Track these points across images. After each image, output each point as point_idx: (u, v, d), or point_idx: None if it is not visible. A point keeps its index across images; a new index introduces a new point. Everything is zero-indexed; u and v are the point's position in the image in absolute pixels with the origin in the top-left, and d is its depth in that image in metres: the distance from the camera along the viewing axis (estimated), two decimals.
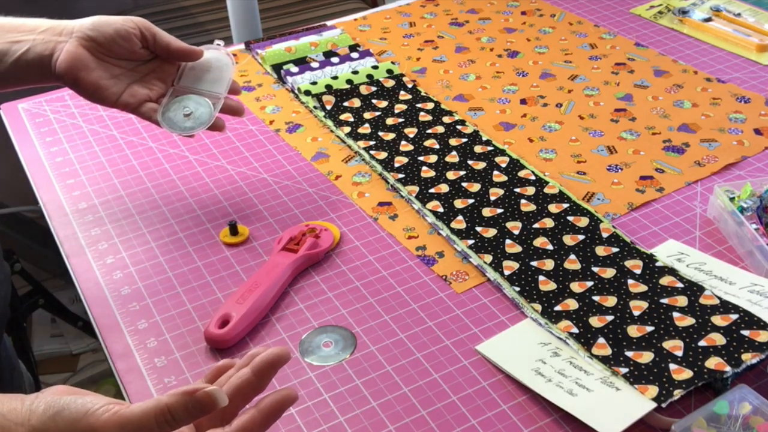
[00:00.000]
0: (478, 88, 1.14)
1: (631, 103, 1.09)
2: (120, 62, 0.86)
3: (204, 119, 0.87)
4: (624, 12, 1.32)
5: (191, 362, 0.75)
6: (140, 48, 0.86)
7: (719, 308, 0.75)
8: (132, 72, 0.87)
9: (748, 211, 0.83)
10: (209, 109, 0.87)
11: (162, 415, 0.50)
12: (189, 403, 0.51)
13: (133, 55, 0.86)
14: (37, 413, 0.51)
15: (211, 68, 0.90)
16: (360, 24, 1.32)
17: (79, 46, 0.83)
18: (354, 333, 0.77)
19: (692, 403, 0.68)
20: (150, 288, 0.83)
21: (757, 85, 1.11)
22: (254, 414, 0.54)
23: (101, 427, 0.50)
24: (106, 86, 0.84)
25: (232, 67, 0.90)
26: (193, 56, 0.88)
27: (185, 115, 0.86)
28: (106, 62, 0.85)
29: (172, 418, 0.51)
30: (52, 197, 0.97)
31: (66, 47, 0.83)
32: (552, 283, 0.80)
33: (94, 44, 0.84)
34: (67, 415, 0.51)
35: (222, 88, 0.89)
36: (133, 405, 0.51)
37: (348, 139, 1.03)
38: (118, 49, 0.85)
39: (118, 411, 0.51)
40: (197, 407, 0.51)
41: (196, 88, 0.89)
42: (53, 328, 2.06)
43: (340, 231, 0.89)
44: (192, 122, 0.86)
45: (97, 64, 0.84)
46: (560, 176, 0.96)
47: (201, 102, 0.87)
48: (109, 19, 0.85)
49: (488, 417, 0.68)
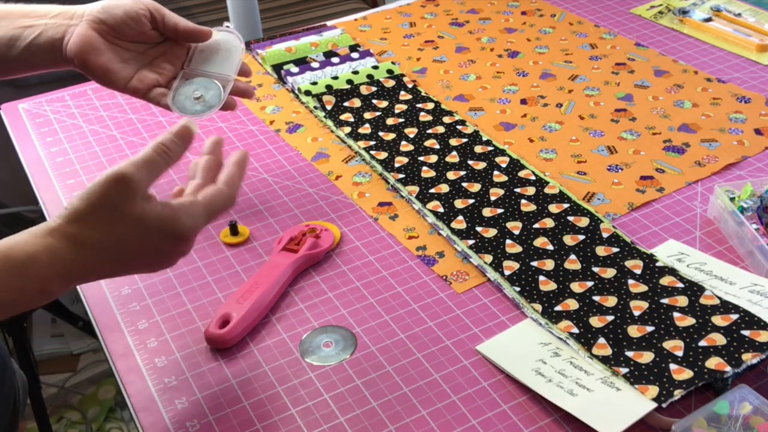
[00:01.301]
0: (478, 88, 1.14)
1: (632, 103, 1.09)
2: (130, 45, 0.86)
3: (213, 102, 0.86)
4: (624, 12, 1.32)
5: (191, 362, 0.75)
6: (150, 29, 0.86)
7: (719, 308, 0.75)
8: (142, 56, 0.87)
9: (749, 211, 0.83)
10: (219, 91, 0.87)
11: (159, 149, 0.67)
12: (174, 136, 0.68)
13: (143, 37, 0.86)
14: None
15: (220, 50, 0.90)
16: (360, 24, 1.32)
17: (89, 29, 0.83)
18: (354, 333, 0.77)
19: (692, 403, 0.68)
20: (150, 288, 0.83)
21: (758, 85, 1.11)
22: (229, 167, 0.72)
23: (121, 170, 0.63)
24: (115, 70, 0.84)
25: (241, 49, 0.90)
26: (201, 37, 0.88)
27: (195, 98, 0.86)
28: (117, 45, 0.85)
29: (167, 148, 0.67)
30: (52, 197, 0.97)
31: (76, 30, 0.83)
32: (552, 283, 0.80)
33: (105, 27, 0.84)
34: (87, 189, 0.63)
35: (231, 70, 0.88)
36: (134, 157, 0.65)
37: (348, 139, 1.03)
38: (128, 31, 0.85)
39: (121, 163, 0.64)
40: (180, 135, 0.68)
41: (205, 71, 0.88)
42: (53, 328, 2.06)
43: (341, 231, 0.89)
44: (202, 106, 0.86)
45: (107, 47, 0.84)
46: (560, 176, 0.96)
47: (210, 85, 0.87)
48: (119, 1, 0.85)
49: (488, 417, 0.68)
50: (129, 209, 0.63)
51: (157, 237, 0.65)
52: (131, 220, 0.63)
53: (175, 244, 0.66)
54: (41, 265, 0.61)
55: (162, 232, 0.65)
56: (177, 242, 0.66)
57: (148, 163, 0.65)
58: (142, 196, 0.64)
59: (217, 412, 0.70)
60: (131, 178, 0.63)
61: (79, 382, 1.95)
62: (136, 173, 0.64)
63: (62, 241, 0.62)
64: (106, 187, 0.63)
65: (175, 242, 0.66)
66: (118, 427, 1.85)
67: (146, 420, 0.70)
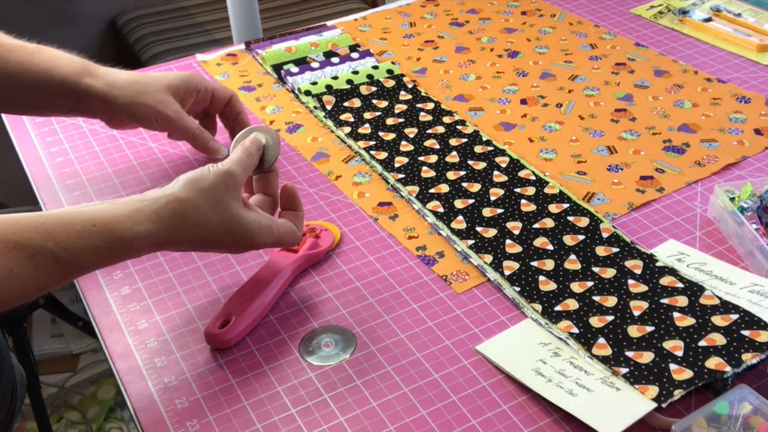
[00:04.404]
0: (478, 88, 1.14)
1: (632, 103, 1.09)
2: None
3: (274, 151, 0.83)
4: (624, 12, 1.32)
5: (191, 362, 0.75)
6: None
7: (719, 308, 0.75)
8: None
9: (749, 211, 0.83)
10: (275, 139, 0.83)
11: (247, 152, 0.76)
12: (253, 143, 0.78)
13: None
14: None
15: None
16: (360, 24, 1.32)
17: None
18: (354, 333, 0.77)
19: (692, 403, 0.68)
20: (150, 288, 0.83)
21: (757, 85, 1.11)
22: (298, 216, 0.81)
23: (230, 167, 0.73)
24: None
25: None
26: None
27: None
28: None
29: (250, 152, 0.76)
30: (52, 197, 0.97)
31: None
32: (552, 283, 0.80)
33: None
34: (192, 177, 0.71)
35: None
36: (231, 158, 0.75)
37: (348, 139, 1.03)
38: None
39: (224, 162, 0.74)
40: (257, 145, 0.79)
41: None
42: (53, 328, 2.06)
43: (341, 231, 0.89)
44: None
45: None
46: (560, 176, 0.96)
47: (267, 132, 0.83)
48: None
49: (488, 417, 0.68)
50: (230, 203, 0.71)
51: (238, 237, 0.72)
52: (228, 215, 0.71)
53: (244, 248, 0.75)
54: (139, 246, 0.67)
55: (243, 237, 0.73)
56: (246, 248, 0.75)
57: (243, 164, 0.75)
58: (239, 197, 0.73)
59: (217, 412, 0.70)
60: (236, 174, 0.73)
61: (79, 382, 1.95)
62: (238, 171, 0.73)
63: (161, 226, 0.68)
64: (217, 179, 0.71)
65: (244, 247, 0.75)
66: (118, 427, 1.86)
67: (146, 420, 0.70)
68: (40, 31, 2.18)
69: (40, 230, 0.62)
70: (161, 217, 0.68)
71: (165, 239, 0.68)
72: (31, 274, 0.62)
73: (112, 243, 0.65)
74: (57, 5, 2.18)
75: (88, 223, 0.64)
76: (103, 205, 0.67)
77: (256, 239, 0.74)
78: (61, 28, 2.19)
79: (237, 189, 0.73)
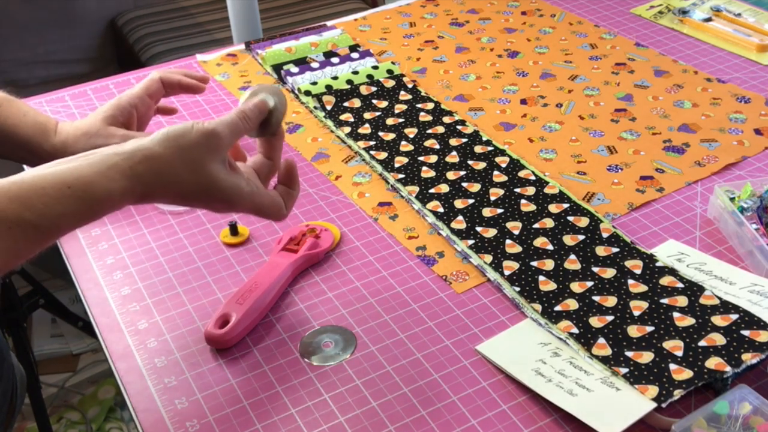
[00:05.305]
0: (478, 88, 1.14)
1: (632, 103, 1.09)
2: None
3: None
4: (624, 12, 1.32)
5: (191, 362, 0.75)
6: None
7: (719, 308, 0.75)
8: None
9: (748, 211, 0.83)
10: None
11: (242, 115, 0.73)
12: (255, 106, 0.75)
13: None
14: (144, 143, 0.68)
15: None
16: (360, 24, 1.32)
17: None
18: (354, 333, 0.77)
19: (692, 403, 0.68)
20: (150, 288, 0.83)
21: (757, 85, 1.11)
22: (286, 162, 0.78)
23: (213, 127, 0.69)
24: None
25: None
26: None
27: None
28: None
29: (248, 117, 0.74)
30: None
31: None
32: (552, 283, 0.80)
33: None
34: (173, 133, 0.68)
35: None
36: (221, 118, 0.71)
37: (348, 140, 1.03)
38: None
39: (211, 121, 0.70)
40: (259, 108, 0.75)
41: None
42: (53, 328, 2.06)
43: (340, 231, 0.89)
44: None
45: None
46: (560, 176, 0.96)
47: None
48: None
49: (488, 417, 0.68)
50: (209, 164, 0.69)
51: (215, 199, 0.71)
52: (205, 175, 0.69)
53: (221, 210, 0.74)
54: (116, 201, 0.66)
55: (221, 200, 0.71)
56: (224, 210, 0.74)
57: (232, 127, 0.72)
58: (223, 159, 0.70)
59: (217, 412, 0.70)
60: (220, 135, 0.70)
61: (79, 382, 1.95)
62: (225, 132, 0.70)
63: (136, 182, 0.66)
64: (199, 138, 0.69)
65: (222, 210, 0.74)
66: (118, 427, 1.86)
67: (146, 420, 0.70)
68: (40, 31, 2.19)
69: (14, 200, 0.61)
70: (136, 172, 0.66)
71: (141, 194, 0.68)
72: (10, 245, 0.61)
73: (90, 203, 0.65)
74: (57, 5, 2.18)
75: (63, 186, 0.63)
76: (76, 162, 0.65)
77: (235, 205, 0.72)
78: (61, 28, 2.19)
79: (219, 150, 0.70)
